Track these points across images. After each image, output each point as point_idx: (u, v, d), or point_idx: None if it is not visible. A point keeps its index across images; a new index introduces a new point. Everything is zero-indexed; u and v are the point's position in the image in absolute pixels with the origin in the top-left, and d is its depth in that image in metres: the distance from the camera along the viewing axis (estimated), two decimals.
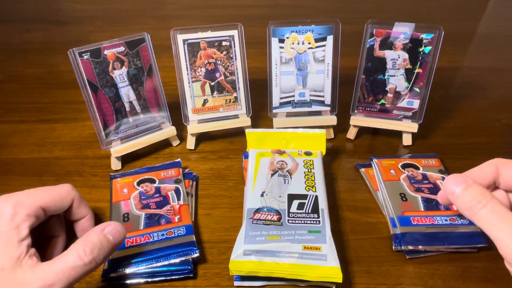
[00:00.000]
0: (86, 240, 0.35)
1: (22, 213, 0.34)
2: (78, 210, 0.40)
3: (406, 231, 0.43)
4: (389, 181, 0.50)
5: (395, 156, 0.55)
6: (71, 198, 0.39)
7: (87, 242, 0.34)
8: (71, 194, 0.39)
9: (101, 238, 0.35)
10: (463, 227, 0.44)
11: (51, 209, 0.37)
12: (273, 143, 0.53)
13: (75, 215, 0.40)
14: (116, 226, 0.37)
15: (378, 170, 0.52)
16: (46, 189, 0.37)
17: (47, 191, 0.37)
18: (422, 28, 0.52)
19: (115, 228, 0.36)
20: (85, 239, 0.35)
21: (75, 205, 0.39)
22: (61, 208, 0.38)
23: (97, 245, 0.34)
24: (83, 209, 0.40)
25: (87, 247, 0.34)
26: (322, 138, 0.53)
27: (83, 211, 0.40)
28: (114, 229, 0.36)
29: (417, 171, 0.51)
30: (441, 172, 0.51)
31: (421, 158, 0.54)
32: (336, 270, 0.38)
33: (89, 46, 0.50)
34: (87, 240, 0.35)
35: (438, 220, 0.44)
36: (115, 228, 0.36)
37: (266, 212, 0.44)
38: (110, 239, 0.36)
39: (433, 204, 0.47)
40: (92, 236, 0.35)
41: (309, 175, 0.49)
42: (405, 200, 0.47)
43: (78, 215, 0.40)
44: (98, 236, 0.35)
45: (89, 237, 0.35)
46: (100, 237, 0.35)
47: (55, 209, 0.37)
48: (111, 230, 0.36)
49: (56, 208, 0.37)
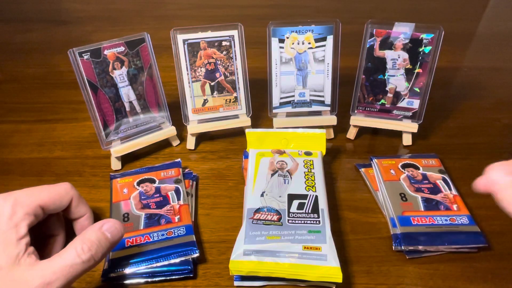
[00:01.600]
0: (84, 237, 0.34)
1: (20, 212, 0.34)
2: (77, 208, 0.40)
3: (406, 231, 0.43)
4: (389, 181, 0.50)
5: (395, 156, 0.55)
6: (70, 196, 0.39)
7: (85, 240, 0.34)
8: (69, 193, 0.39)
9: (99, 236, 0.35)
10: (463, 227, 0.44)
11: (50, 208, 0.37)
12: (273, 143, 0.53)
13: (74, 213, 0.40)
14: (114, 224, 0.37)
15: (378, 170, 0.52)
16: (44, 188, 0.37)
17: (45, 190, 0.37)
18: (422, 28, 0.52)
19: (113, 226, 0.36)
20: (83, 237, 0.35)
21: (74, 204, 0.39)
22: (60, 207, 0.38)
23: (95, 243, 0.34)
24: (82, 207, 0.40)
25: (85, 245, 0.34)
26: (322, 138, 0.53)
27: (82, 210, 0.40)
28: (112, 227, 0.36)
29: (417, 171, 0.51)
30: (441, 172, 0.51)
31: (421, 158, 0.54)
32: (336, 270, 0.38)
33: (89, 46, 0.50)
34: (85, 238, 0.34)
35: (438, 220, 0.44)
36: (113, 226, 0.36)
37: (266, 212, 0.44)
38: (108, 237, 0.36)
39: (433, 204, 0.47)
40: (90, 233, 0.35)
41: (309, 175, 0.49)
42: (405, 200, 0.47)
43: (77, 213, 0.40)
44: (96, 233, 0.35)
45: (87, 235, 0.35)
46: (98, 234, 0.35)
47: (54, 207, 0.37)
48: (109, 227, 0.36)
49: (55, 206, 0.37)
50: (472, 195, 0.50)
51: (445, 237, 0.43)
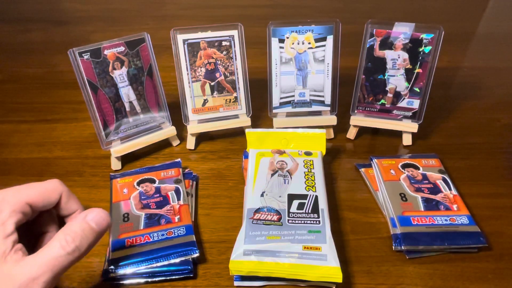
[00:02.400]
0: (68, 229, 0.34)
1: (7, 209, 0.33)
2: (67, 205, 0.39)
3: (406, 231, 0.43)
4: (389, 181, 0.50)
5: (395, 156, 0.55)
6: (59, 193, 0.38)
7: (68, 231, 0.34)
8: (58, 189, 0.38)
9: (83, 226, 0.34)
10: (463, 227, 0.44)
11: (39, 205, 0.36)
12: (273, 143, 0.53)
13: (65, 210, 0.39)
14: (98, 213, 0.36)
15: (378, 170, 0.52)
16: (32, 185, 0.37)
17: (33, 187, 0.37)
18: (422, 28, 0.52)
19: (98, 215, 0.35)
20: (67, 228, 0.34)
21: (64, 200, 0.38)
22: (49, 204, 0.37)
23: (79, 234, 0.34)
24: (73, 204, 0.39)
25: (68, 236, 0.33)
26: (322, 138, 0.53)
27: (73, 206, 0.39)
28: (96, 216, 0.35)
29: (417, 171, 0.51)
30: (441, 172, 0.51)
31: (421, 158, 0.54)
32: (336, 270, 0.38)
33: (89, 46, 0.50)
34: (69, 229, 0.34)
35: (438, 220, 0.44)
36: (98, 215, 0.36)
37: (266, 212, 0.44)
38: (93, 226, 0.35)
39: (433, 204, 0.47)
40: (73, 224, 0.34)
41: (309, 175, 0.49)
42: (405, 200, 0.47)
43: (67, 210, 0.39)
44: (80, 224, 0.34)
45: (71, 226, 0.34)
46: (82, 225, 0.34)
47: (42, 204, 0.37)
48: (94, 217, 0.35)
49: (44, 203, 0.37)
50: (472, 195, 0.50)
51: (445, 237, 0.43)
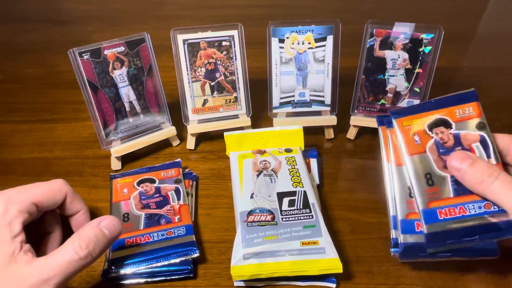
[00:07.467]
0: (82, 234, 0.35)
1: (14, 209, 0.34)
2: (72, 205, 0.40)
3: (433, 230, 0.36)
4: (413, 155, 0.38)
5: (418, 109, 0.41)
6: (64, 193, 0.39)
7: (83, 236, 0.34)
8: (63, 189, 0.39)
9: (97, 232, 0.35)
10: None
11: (44, 205, 0.37)
12: (252, 143, 0.53)
13: (69, 210, 0.40)
14: (112, 220, 0.37)
15: (401, 137, 0.39)
16: (37, 185, 0.37)
17: (38, 187, 0.37)
18: (422, 28, 0.52)
19: (111, 222, 0.36)
20: (81, 234, 0.35)
21: (69, 200, 0.39)
22: (54, 203, 0.38)
23: (92, 239, 0.34)
24: (77, 203, 0.40)
25: (82, 241, 0.34)
26: (300, 134, 0.54)
27: (77, 206, 0.40)
28: (110, 223, 0.36)
29: (447, 132, 0.39)
30: (480, 128, 0.38)
31: (454, 106, 0.39)
32: (336, 261, 0.39)
33: (89, 46, 0.50)
34: (83, 235, 0.34)
35: (470, 210, 0.36)
36: (111, 222, 0.36)
37: (259, 213, 0.44)
38: (106, 233, 0.36)
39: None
40: (88, 230, 0.35)
41: (294, 171, 0.49)
42: (431, 184, 0.37)
43: (72, 210, 0.40)
44: (94, 230, 0.35)
45: (85, 231, 0.35)
46: (96, 231, 0.35)
47: (47, 204, 0.37)
48: (107, 224, 0.36)
49: (49, 203, 0.37)
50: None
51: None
